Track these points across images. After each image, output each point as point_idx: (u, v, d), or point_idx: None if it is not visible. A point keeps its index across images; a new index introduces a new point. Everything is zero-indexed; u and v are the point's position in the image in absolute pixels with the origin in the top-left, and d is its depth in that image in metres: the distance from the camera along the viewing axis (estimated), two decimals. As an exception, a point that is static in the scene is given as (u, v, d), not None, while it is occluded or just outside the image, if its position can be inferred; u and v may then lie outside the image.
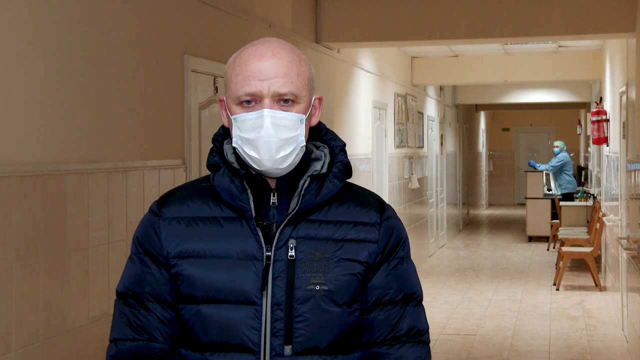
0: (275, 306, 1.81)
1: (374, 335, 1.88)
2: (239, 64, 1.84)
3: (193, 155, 5.01)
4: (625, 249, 7.00)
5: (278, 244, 1.83)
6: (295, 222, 1.85)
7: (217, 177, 1.86)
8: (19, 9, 3.46)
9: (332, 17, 7.74)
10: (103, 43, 4.07)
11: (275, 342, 1.81)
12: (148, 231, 1.89)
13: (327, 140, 1.94)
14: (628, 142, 7.71)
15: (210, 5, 5.32)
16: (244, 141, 1.82)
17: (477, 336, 8.18)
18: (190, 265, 1.84)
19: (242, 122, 1.82)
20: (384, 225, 1.89)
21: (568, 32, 7.52)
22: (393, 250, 1.90)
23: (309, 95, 1.87)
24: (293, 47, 1.87)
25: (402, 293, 1.90)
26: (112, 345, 1.90)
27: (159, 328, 1.86)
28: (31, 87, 3.53)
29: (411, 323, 1.90)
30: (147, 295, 1.87)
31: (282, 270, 1.82)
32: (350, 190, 1.93)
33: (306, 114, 1.85)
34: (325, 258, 1.84)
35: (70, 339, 3.74)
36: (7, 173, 3.33)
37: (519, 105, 20.03)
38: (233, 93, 1.83)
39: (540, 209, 15.72)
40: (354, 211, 1.89)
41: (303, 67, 1.86)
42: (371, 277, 1.88)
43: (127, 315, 1.88)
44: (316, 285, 1.82)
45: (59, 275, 3.66)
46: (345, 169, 1.91)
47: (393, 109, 11.19)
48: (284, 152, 1.81)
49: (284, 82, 1.81)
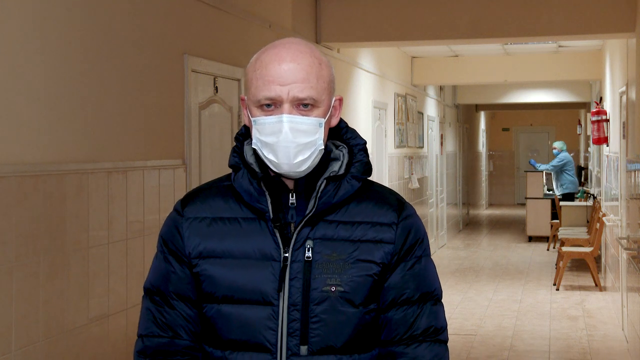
0: (291, 307, 1.84)
1: (391, 334, 1.89)
2: (259, 66, 1.85)
3: (193, 155, 5.01)
4: (625, 249, 7.00)
5: (295, 245, 1.85)
6: (312, 223, 1.86)
7: (237, 178, 1.90)
8: (19, 9, 3.46)
9: (332, 17, 7.74)
10: (103, 43, 4.07)
11: (292, 342, 1.84)
12: (172, 230, 1.93)
13: (347, 139, 1.95)
14: (628, 142, 7.71)
15: (210, 5, 5.32)
16: (263, 144, 1.84)
17: (477, 336, 8.18)
18: (211, 265, 1.87)
19: (262, 125, 1.84)
20: (401, 225, 1.90)
21: (568, 32, 7.52)
22: (410, 250, 1.91)
23: (329, 97, 1.88)
24: (313, 50, 1.88)
25: (419, 292, 1.91)
26: (139, 341, 1.94)
27: (183, 325, 1.90)
28: (31, 87, 3.52)
29: (428, 322, 1.90)
30: (172, 294, 1.91)
31: (299, 271, 1.85)
32: (370, 189, 1.94)
33: (325, 117, 1.87)
34: (341, 259, 1.85)
35: (70, 339, 3.74)
36: (7, 173, 3.33)
37: (519, 105, 20.02)
38: (253, 96, 1.85)
39: (540, 209, 15.72)
40: (372, 211, 1.90)
41: (323, 71, 1.86)
42: (388, 277, 1.89)
43: (152, 312, 1.92)
44: (332, 287, 1.84)
45: (59, 275, 3.66)
46: (365, 168, 1.91)
47: (393, 109, 11.19)
48: (302, 157, 1.83)
49: (304, 87, 1.82)
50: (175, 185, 4.77)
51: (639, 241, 6.50)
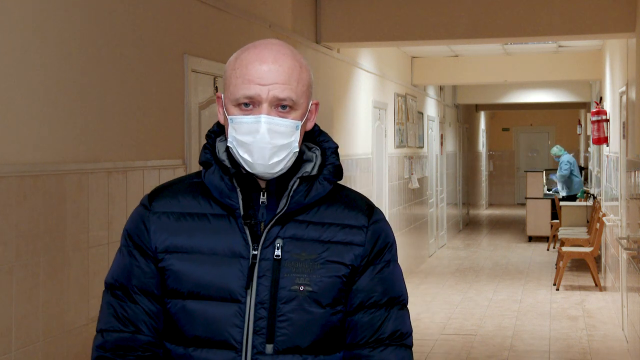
0: (259, 305, 1.83)
1: (357, 337, 1.89)
2: (239, 65, 1.85)
3: (193, 155, 5.01)
4: (625, 249, 7.00)
5: (265, 243, 1.85)
6: (283, 222, 1.86)
7: (207, 174, 1.88)
8: (19, 10, 3.46)
9: (332, 17, 7.74)
10: (103, 43, 4.07)
11: (258, 340, 1.83)
12: (137, 224, 1.91)
13: (320, 142, 1.95)
14: (628, 142, 7.72)
15: (210, 5, 5.32)
16: (239, 143, 1.84)
17: (477, 336, 8.18)
18: (178, 261, 1.86)
19: (239, 124, 1.83)
20: (371, 229, 1.90)
21: (568, 32, 7.52)
22: (380, 254, 1.91)
23: (307, 101, 1.88)
24: (294, 52, 1.88)
25: (387, 296, 1.91)
26: (98, 336, 1.91)
27: (145, 321, 1.88)
28: (31, 87, 3.53)
29: (395, 326, 1.91)
30: (134, 288, 1.89)
31: (268, 269, 1.84)
32: (340, 193, 1.94)
33: (302, 120, 1.87)
34: (311, 259, 1.85)
35: (70, 339, 3.74)
36: (7, 173, 3.33)
37: (519, 105, 20.03)
38: (232, 94, 1.84)
39: (540, 209, 15.72)
40: (342, 213, 1.90)
41: (303, 74, 1.87)
42: (356, 279, 1.89)
43: (114, 307, 1.90)
44: (300, 286, 1.84)
45: (59, 275, 3.66)
46: (336, 171, 1.92)
47: (393, 109, 11.19)
48: (277, 158, 1.83)
49: (284, 88, 1.82)
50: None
51: (639, 241, 6.50)
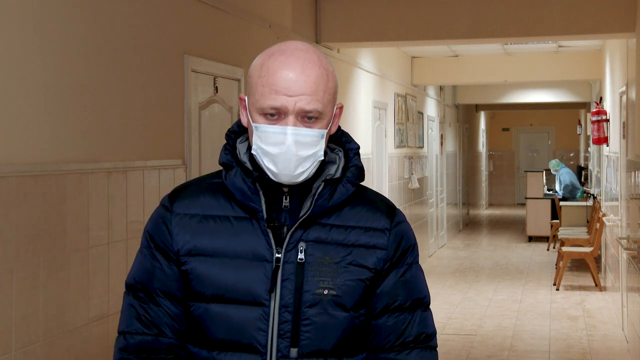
0: (283, 308, 1.82)
1: (383, 341, 1.89)
2: (265, 73, 1.80)
3: (193, 155, 5.01)
4: (625, 249, 7.00)
5: (288, 246, 1.83)
6: (306, 225, 1.84)
7: (229, 176, 1.86)
8: (19, 10, 3.46)
9: (332, 17, 7.74)
10: (103, 43, 4.07)
11: (282, 344, 1.82)
12: (159, 226, 1.88)
13: (342, 143, 1.93)
14: (628, 142, 7.71)
15: (210, 5, 5.32)
16: (264, 152, 1.81)
17: (477, 336, 8.18)
18: (201, 264, 1.84)
19: (264, 133, 1.80)
20: (393, 232, 1.89)
21: (568, 32, 7.52)
22: (402, 257, 1.90)
23: (332, 108, 1.86)
24: (321, 58, 1.84)
25: (410, 299, 1.90)
26: (120, 338, 1.89)
27: (168, 323, 1.86)
28: (31, 87, 3.52)
29: (419, 329, 1.90)
30: (157, 291, 1.87)
31: (291, 272, 1.82)
32: (362, 195, 1.92)
33: (328, 128, 1.85)
34: (334, 262, 1.84)
35: (70, 339, 3.74)
36: (7, 173, 3.32)
37: (519, 105, 20.02)
38: (257, 102, 1.81)
39: (540, 209, 15.72)
40: (364, 216, 1.88)
41: (330, 83, 1.83)
42: (380, 283, 1.88)
43: (136, 309, 1.88)
44: (324, 290, 1.82)
45: (59, 275, 3.66)
46: (359, 173, 1.90)
47: (393, 109, 11.19)
48: (302, 169, 1.81)
49: (311, 100, 1.79)
50: (175, 185, 4.76)
51: (639, 241, 6.50)
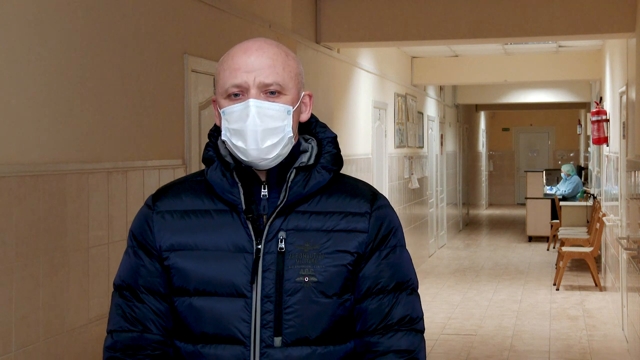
0: (265, 298, 1.84)
1: (367, 324, 1.89)
2: (226, 59, 1.89)
3: (193, 155, 5.01)
4: (625, 249, 7.00)
5: (268, 236, 1.85)
6: (285, 214, 1.87)
7: (210, 171, 1.90)
8: (19, 10, 3.46)
9: (332, 17, 7.75)
10: (103, 43, 4.07)
11: (265, 333, 1.83)
12: (142, 224, 1.93)
13: (316, 133, 1.97)
14: (628, 142, 7.72)
15: (210, 5, 5.32)
16: (231, 132, 1.85)
17: (477, 336, 8.18)
18: (182, 258, 1.87)
19: (230, 114, 1.85)
20: (374, 215, 1.90)
21: (568, 32, 7.52)
22: (384, 239, 1.91)
23: (296, 89, 1.90)
24: (280, 44, 1.92)
25: (394, 281, 1.91)
26: (108, 337, 1.93)
27: (153, 320, 1.90)
28: (31, 87, 3.52)
29: (404, 312, 1.90)
30: (141, 288, 1.90)
31: (272, 262, 1.84)
32: (341, 181, 1.94)
33: (294, 107, 1.88)
34: (315, 249, 1.85)
35: (70, 339, 3.74)
36: (7, 173, 3.33)
37: (519, 105, 20.03)
38: (221, 87, 1.88)
39: (540, 209, 15.72)
40: (344, 201, 1.90)
41: (290, 61, 1.89)
42: (362, 266, 1.89)
43: (122, 307, 1.92)
44: (305, 277, 1.84)
45: (59, 275, 3.66)
46: (334, 159, 1.92)
47: (393, 109, 11.19)
48: (270, 142, 1.83)
49: (269, 73, 1.85)
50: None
51: (639, 241, 6.50)
